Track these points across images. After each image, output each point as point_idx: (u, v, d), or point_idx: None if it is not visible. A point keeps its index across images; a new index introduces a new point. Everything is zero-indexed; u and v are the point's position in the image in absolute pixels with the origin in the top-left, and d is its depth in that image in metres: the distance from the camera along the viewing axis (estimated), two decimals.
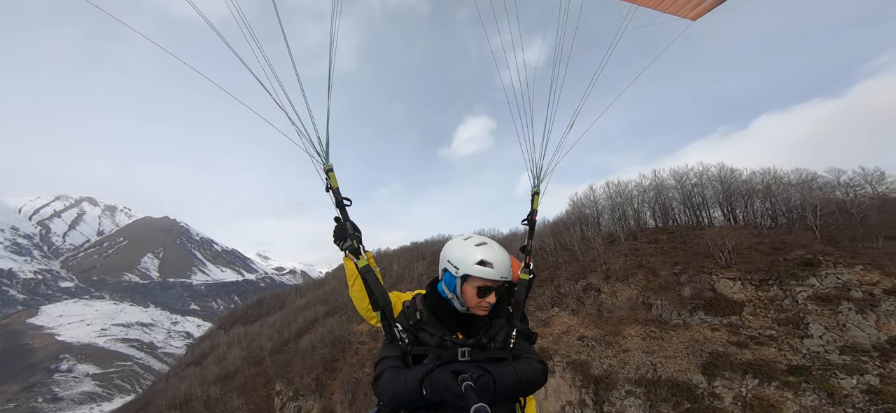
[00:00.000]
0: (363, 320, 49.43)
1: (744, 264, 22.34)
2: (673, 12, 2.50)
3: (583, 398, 24.15)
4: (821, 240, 22.00)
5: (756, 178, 31.11)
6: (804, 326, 18.17)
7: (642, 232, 32.90)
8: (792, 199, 28.23)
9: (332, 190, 1.97)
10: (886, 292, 17.18)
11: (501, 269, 1.65)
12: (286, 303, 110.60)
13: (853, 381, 15.22)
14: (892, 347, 15.94)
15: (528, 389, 1.55)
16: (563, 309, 31.26)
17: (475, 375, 1.34)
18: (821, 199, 25.73)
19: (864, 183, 27.96)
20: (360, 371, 42.34)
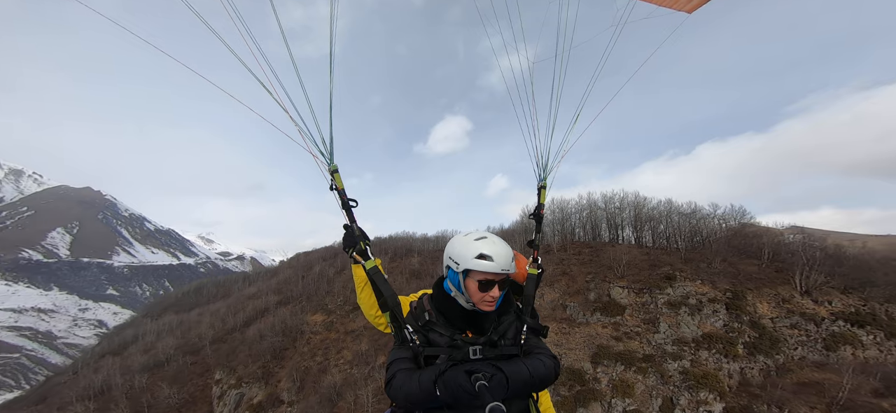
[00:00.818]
0: (317, 311, 50.13)
1: (632, 276, 28.73)
2: (669, 6, 2.53)
3: None
4: (683, 259, 29.31)
5: (661, 206, 39.03)
6: (657, 325, 24.56)
7: (571, 245, 39.09)
8: (680, 226, 36.22)
9: (337, 191, 1.93)
10: (710, 300, 24.18)
11: (501, 261, 1.64)
12: (231, 290, 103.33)
13: (676, 365, 21.48)
14: (704, 340, 22.63)
15: (540, 385, 1.55)
16: None
17: (488, 374, 1.33)
18: (691, 227, 33.71)
19: (733, 216, 36.93)
20: (311, 360, 43.12)
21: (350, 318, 50.21)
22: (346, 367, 39.41)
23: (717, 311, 25.31)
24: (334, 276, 65.12)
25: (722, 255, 29.12)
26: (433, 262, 54.01)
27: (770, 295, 25.12)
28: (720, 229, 33.32)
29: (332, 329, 48.96)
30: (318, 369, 40.89)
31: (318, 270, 69.64)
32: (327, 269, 69.02)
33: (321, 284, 62.85)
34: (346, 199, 1.92)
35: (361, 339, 43.83)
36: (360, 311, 29.39)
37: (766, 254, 28.06)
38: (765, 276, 26.61)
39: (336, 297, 56.40)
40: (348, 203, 1.92)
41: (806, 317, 23.70)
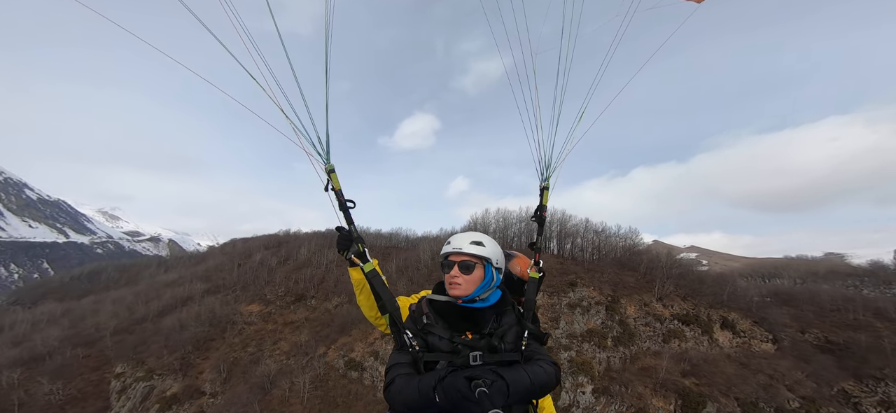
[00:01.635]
0: (253, 301, 49.52)
1: (548, 281, 35.04)
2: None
3: None
4: (585, 269, 36.81)
5: (579, 223, 47.28)
6: (558, 322, 30.84)
7: (509, 250, 45.14)
8: (590, 241, 44.57)
9: (334, 191, 1.88)
10: (596, 303, 31.31)
11: (456, 242, 1.75)
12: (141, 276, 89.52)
13: (566, 355, 27.59)
14: (587, 335, 29.40)
15: (540, 393, 1.52)
16: None
17: (489, 381, 1.31)
18: (598, 243, 42.18)
19: (629, 236, 46.56)
20: (242, 350, 41.38)
21: (291, 310, 49.02)
22: (281, 357, 38.91)
23: (599, 311, 32.58)
24: (277, 266, 62.15)
25: (612, 267, 37.36)
26: (385, 258, 55.77)
27: (637, 299, 33.30)
28: (617, 246, 42.35)
29: (270, 320, 47.28)
30: (250, 360, 39.51)
31: (259, 259, 65.56)
32: (269, 258, 65.36)
33: (261, 274, 59.44)
34: (343, 200, 1.88)
35: (302, 330, 43.48)
36: (302, 302, 33.36)
37: (642, 267, 36.90)
38: (637, 284, 35.04)
39: (277, 288, 54.19)
40: (346, 204, 1.88)
41: (655, 317, 32.15)
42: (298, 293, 52.17)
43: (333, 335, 40.02)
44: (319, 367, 34.77)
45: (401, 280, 45.61)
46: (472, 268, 1.71)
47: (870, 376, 32.56)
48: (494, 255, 1.77)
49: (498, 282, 1.80)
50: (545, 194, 2.19)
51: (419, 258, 49.48)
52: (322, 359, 35.93)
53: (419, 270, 47.17)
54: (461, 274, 1.70)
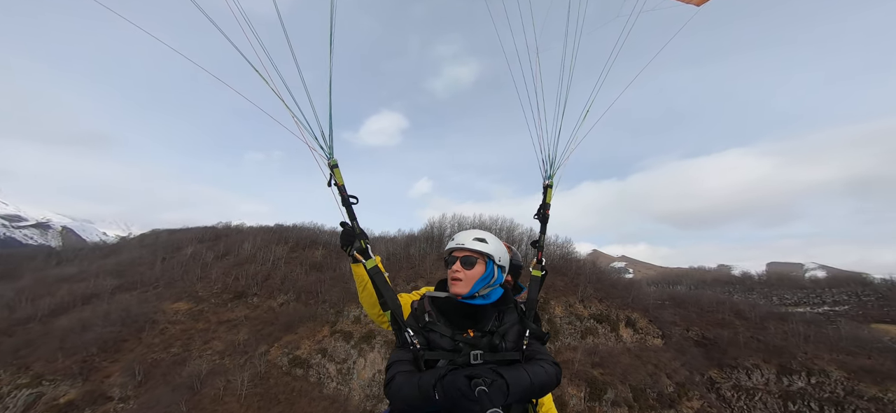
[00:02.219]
0: (181, 298, 46.72)
1: None
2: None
3: None
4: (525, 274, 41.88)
5: (526, 232, 52.82)
6: None
7: None
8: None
9: (336, 186, 1.89)
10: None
11: (459, 238, 1.81)
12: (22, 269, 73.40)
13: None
14: None
15: (540, 392, 1.53)
16: None
17: (489, 380, 1.32)
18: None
19: (564, 245, 53.30)
20: (164, 351, 37.55)
21: (227, 308, 45.59)
22: (214, 357, 36.21)
23: None
24: (213, 261, 56.87)
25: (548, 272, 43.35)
26: (338, 257, 55.00)
27: (563, 301, 38.87)
28: (553, 253, 48.56)
29: (201, 318, 43.39)
30: (173, 361, 36.00)
31: (191, 253, 59.27)
32: (204, 252, 59.45)
33: (192, 269, 53.83)
34: (346, 196, 1.88)
35: (240, 328, 40.88)
36: (242, 300, 34.24)
37: (570, 273, 43.06)
38: (565, 287, 40.81)
39: (212, 285, 49.78)
40: (348, 200, 1.88)
41: (577, 316, 37.93)
42: (238, 290, 48.73)
43: (277, 333, 38.62)
44: (260, 365, 33.48)
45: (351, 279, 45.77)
46: (473, 263, 1.74)
47: (728, 365, 42.02)
48: (497, 252, 1.81)
49: (500, 279, 1.83)
50: (548, 192, 2.18)
51: None
52: (264, 357, 34.58)
53: None
54: (463, 269, 1.73)
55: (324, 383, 33.03)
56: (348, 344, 36.16)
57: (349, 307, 41.46)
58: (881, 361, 38.89)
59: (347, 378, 33.43)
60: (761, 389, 39.54)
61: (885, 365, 38.18)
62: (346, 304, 41.98)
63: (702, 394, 36.58)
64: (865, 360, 40.29)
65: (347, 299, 42.70)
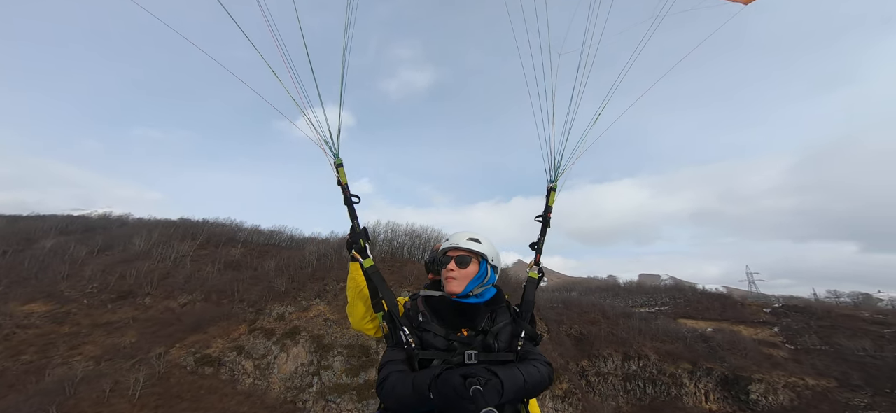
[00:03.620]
0: (36, 298, 41.89)
1: (414, 284, 44.83)
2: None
3: (312, 359, 35.28)
4: None
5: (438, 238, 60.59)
6: None
7: (393, 259, 52.69)
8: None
9: (340, 185, 1.94)
10: None
11: (454, 238, 1.87)
12: None
13: None
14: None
15: (533, 392, 1.55)
16: (323, 300, 42.80)
17: (483, 379, 1.33)
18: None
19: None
20: (12, 360, 30.78)
21: (107, 309, 39.19)
22: (87, 363, 31.31)
23: None
24: (87, 257, 47.32)
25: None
26: (261, 255, 52.86)
27: None
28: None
29: (68, 321, 36.47)
30: (24, 370, 29.89)
31: (52, 246, 48.04)
32: (72, 246, 48.80)
33: (53, 265, 43.89)
34: (348, 195, 1.92)
35: (125, 331, 35.97)
36: (128, 300, 37.04)
37: None
38: None
39: (85, 283, 41.84)
40: (350, 199, 1.92)
41: None
42: (124, 290, 42.28)
43: (180, 334, 35.80)
44: (159, 366, 30.99)
45: (280, 278, 45.37)
46: (467, 262, 1.79)
47: (593, 355, 55.68)
48: (490, 252, 1.86)
49: (492, 279, 1.88)
50: (552, 195, 2.19)
51: (304, 258, 50.25)
52: (162, 358, 31.96)
53: (303, 270, 48.16)
54: (457, 268, 1.77)
55: (238, 380, 32.63)
56: (269, 340, 36.29)
57: (271, 305, 41.12)
58: (677, 347, 57.70)
59: (266, 373, 33.73)
60: (612, 373, 53.76)
61: (678, 349, 56.83)
62: (267, 302, 41.44)
63: (570, 378, 47.43)
64: (670, 345, 59.21)
65: (270, 298, 42.14)
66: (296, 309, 40.88)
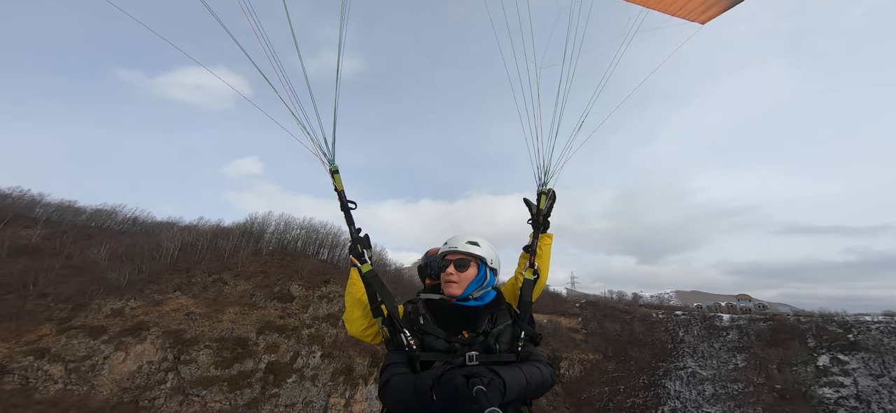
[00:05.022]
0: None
1: (307, 278, 45.60)
2: (683, 16, 2.52)
3: (166, 355, 31.01)
4: (340, 271, 51.97)
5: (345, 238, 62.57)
6: (307, 309, 42.27)
7: (283, 253, 50.50)
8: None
9: (336, 192, 1.93)
10: (340, 296, 46.74)
11: (452, 242, 1.89)
12: None
13: (307, 332, 39.30)
14: (328, 317, 43.28)
15: (536, 393, 1.55)
16: (185, 293, 37.45)
17: (486, 379, 1.31)
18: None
19: (382, 250, 67.43)
20: None
21: None
22: None
23: (336, 300, 47.36)
24: None
25: None
26: (77, 240, 40.36)
27: None
28: (375, 261, 61.55)
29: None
30: None
31: None
32: None
33: None
34: (345, 201, 1.92)
35: None
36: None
37: (380, 272, 57.20)
38: None
39: None
40: (347, 205, 1.91)
41: None
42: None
43: None
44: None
45: (119, 268, 36.54)
46: (466, 266, 1.81)
47: None
48: (489, 255, 1.88)
49: (492, 281, 1.89)
50: (542, 199, 2.25)
51: (159, 246, 41.90)
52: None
53: (156, 260, 40.24)
54: (456, 272, 1.79)
55: (37, 387, 25.58)
56: (95, 340, 29.60)
57: (102, 300, 33.02)
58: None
59: (87, 376, 27.61)
60: None
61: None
62: (94, 296, 32.99)
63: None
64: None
65: (100, 291, 33.61)
66: (143, 303, 34.49)
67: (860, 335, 47.54)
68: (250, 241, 49.68)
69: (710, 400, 47.83)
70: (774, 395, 45.06)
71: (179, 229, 46.79)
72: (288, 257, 49.14)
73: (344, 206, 1.96)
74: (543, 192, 2.30)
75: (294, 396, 34.67)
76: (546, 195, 2.28)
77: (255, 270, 43.87)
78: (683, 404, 48.44)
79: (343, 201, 1.96)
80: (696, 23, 2.57)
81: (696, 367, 52.76)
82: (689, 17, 2.56)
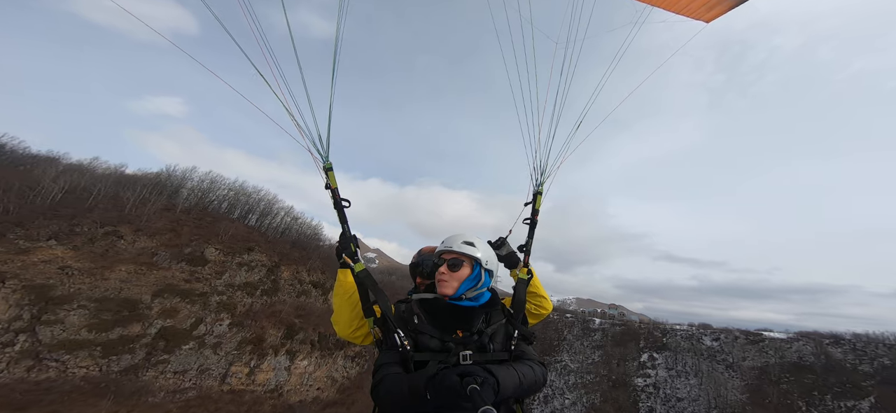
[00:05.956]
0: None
1: (228, 244, 42.94)
2: (687, 14, 2.50)
3: (20, 313, 27.54)
4: (267, 241, 49.84)
5: (286, 208, 59.38)
6: (223, 275, 40.09)
7: (202, 213, 46.42)
8: (290, 223, 57.95)
9: (330, 190, 1.90)
10: (261, 265, 45.02)
11: (448, 242, 1.89)
12: None
13: (217, 298, 37.50)
14: (244, 285, 41.56)
15: (529, 392, 1.56)
16: (64, 243, 33.05)
17: (480, 378, 1.31)
18: (293, 225, 57.46)
19: (318, 226, 65.56)
20: None
21: None
22: None
23: (261, 271, 45.59)
24: None
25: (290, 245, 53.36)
26: None
27: (293, 268, 50.52)
28: (304, 231, 59.88)
29: None
30: None
31: None
32: None
33: None
34: (338, 199, 1.90)
35: None
36: None
37: (310, 248, 55.86)
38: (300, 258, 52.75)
39: None
40: (341, 203, 1.89)
41: (299, 280, 51.11)
42: None
43: None
44: None
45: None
46: (459, 266, 1.81)
47: None
48: (484, 255, 1.87)
49: (487, 282, 1.88)
50: (538, 199, 2.26)
51: (37, 186, 35.88)
52: None
53: (29, 201, 34.52)
54: (449, 272, 1.80)
55: None
56: None
57: None
58: None
59: None
60: None
61: None
62: None
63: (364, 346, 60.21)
64: None
65: None
66: (2, 250, 29.78)
67: (669, 339, 60.27)
68: (163, 194, 44.69)
69: (571, 387, 58.96)
70: (610, 384, 57.57)
71: (65, 168, 40.18)
72: (208, 218, 45.48)
73: (337, 203, 1.91)
74: (539, 192, 2.31)
75: (187, 363, 33.54)
76: (542, 195, 2.30)
77: (163, 228, 40.00)
78: (553, 391, 59.24)
79: (336, 199, 1.91)
80: (702, 21, 2.54)
81: (568, 360, 63.46)
82: (695, 15, 2.52)
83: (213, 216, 46.73)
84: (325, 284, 55.63)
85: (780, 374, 52.64)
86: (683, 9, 2.50)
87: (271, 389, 38.93)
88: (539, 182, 2.34)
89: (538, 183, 2.34)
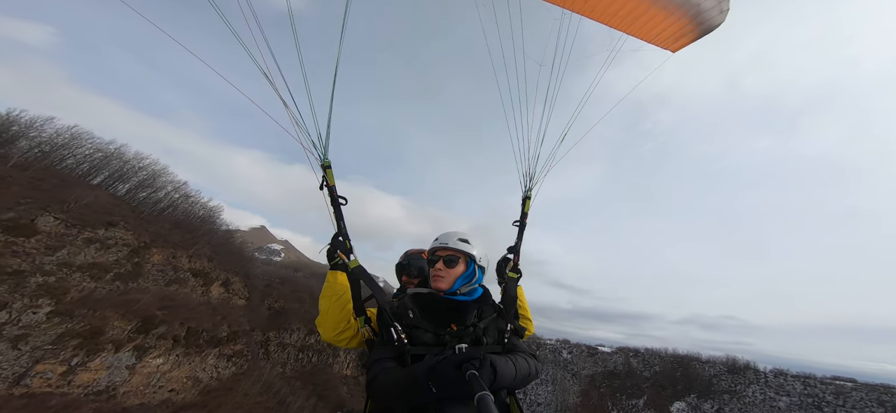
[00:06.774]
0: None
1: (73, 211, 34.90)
2: (657, 44, 2.73)
3: None
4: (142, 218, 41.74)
5: (173, 181, 50.26)
6: (55, 251, 32.36)
7: (48, 170, 36.26)
8: (177, 201, 49.24)
9: (327, 187, 1.89)
10: (124, 244, 37.51)
11: (443, 238, 1.91)
12: None
13: (39, 279, 29.90)
14: (90, 266, 34.02)
15: (523, 382, 1.60)
16: None
17: (477, 362, 1.32)
18: (181, 203, 49.06)
19: (213, 207, 57.10)
20: None
21: None
22: None
23: (122, 251, 38.09)
24: None
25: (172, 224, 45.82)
26: None
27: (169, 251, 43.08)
28: (195, 211, 51.19)
29: None
30: None
31: None
32: None
33: None
34: (335, 197, 1.89)
35: None
36: None
37: (196, 231, 48.17)
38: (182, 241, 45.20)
39: None
40: (338, 201, 1.89)
41: (174, 266, 43.77)
42: None
43: None
44: None
45: None
46: (455, 262, 1.84)
47: (283, 328, 63.98)
48: (479, 252, 1.92)
49: (480, 279, 1.93)
50: (527, 203, 2.34)
51: None
52: None
53: None
54: (444, 268, 1.83)
55: None
56: None
57: None
58: None
59: None
60: (291, 345, 62.56)
61: None
62: None
63: (248, 342, 44.91)
64: None
65: None
66: None
67: (540, 351, 71.86)
68: None
69: None
70: None
71: None
72: (54, 179, 36.14)
73: (334, 202, 1.92)
74: (527, 196, 2.41)
75: None
76: (530, 199, 2.42)
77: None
78: None
79: (333, 197, 1.92)
80: (668, 50, 2.77)
81: None
82: (663, 45, 2.76)
83: (61, 177, 37.49)
84: (211, 274, 48.80)
85: (602, 380, 69.72)
86: (655, 38, 2.75)
87: (99, 391, 31.81)
88: (528, 187, 2.44)
89: (527, 188, 2.44)
